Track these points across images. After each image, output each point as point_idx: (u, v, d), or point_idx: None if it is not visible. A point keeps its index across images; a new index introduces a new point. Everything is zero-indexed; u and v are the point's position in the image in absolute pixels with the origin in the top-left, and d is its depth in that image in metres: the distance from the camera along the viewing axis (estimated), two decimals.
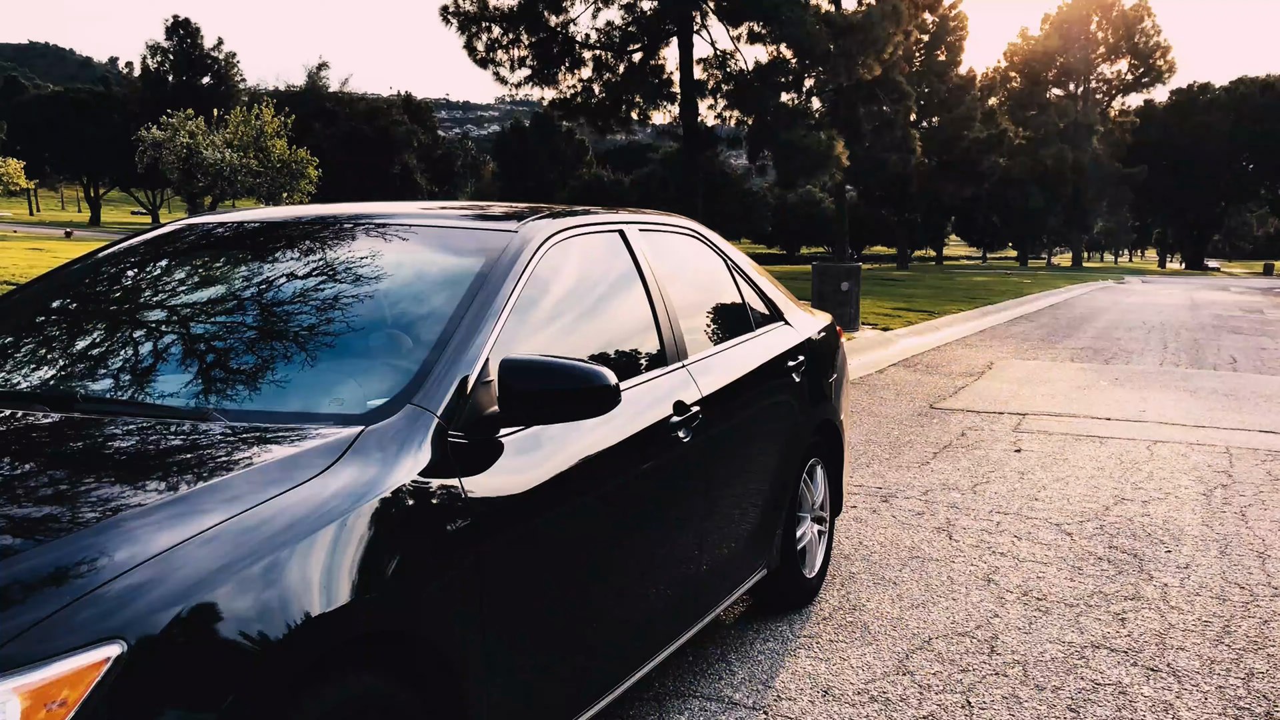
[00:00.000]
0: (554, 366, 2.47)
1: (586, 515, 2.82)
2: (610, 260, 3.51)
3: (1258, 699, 3.79)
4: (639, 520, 3.13)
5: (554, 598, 2.67)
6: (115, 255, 3.44)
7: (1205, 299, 34.26)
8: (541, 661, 2.64)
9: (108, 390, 2.60)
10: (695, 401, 3.43)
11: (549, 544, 2.63)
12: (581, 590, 2.82)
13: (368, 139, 76.60)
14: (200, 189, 34.58)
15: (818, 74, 37.69)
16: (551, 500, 2.62)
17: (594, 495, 2.85)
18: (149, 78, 77.18)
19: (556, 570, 2.67)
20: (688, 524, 3.42)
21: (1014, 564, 5.23)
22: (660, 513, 3.26)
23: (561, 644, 2.73)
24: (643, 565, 3.17)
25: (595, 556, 2.88)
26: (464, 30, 37.19)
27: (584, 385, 2.48)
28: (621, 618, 3.06)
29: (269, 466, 2.05)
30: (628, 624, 3.10)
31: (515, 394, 2.45)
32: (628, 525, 3.07)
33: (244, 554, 1.82)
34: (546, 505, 2.60)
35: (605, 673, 3.00)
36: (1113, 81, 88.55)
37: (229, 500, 1.92)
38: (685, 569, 3.43)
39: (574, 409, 2.51)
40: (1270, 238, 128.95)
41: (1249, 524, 6.05)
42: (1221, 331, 20.14)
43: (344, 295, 2.87)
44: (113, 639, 1.61)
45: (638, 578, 3.14)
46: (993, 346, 16.17)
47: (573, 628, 2.79)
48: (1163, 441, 8.48)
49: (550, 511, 2.62)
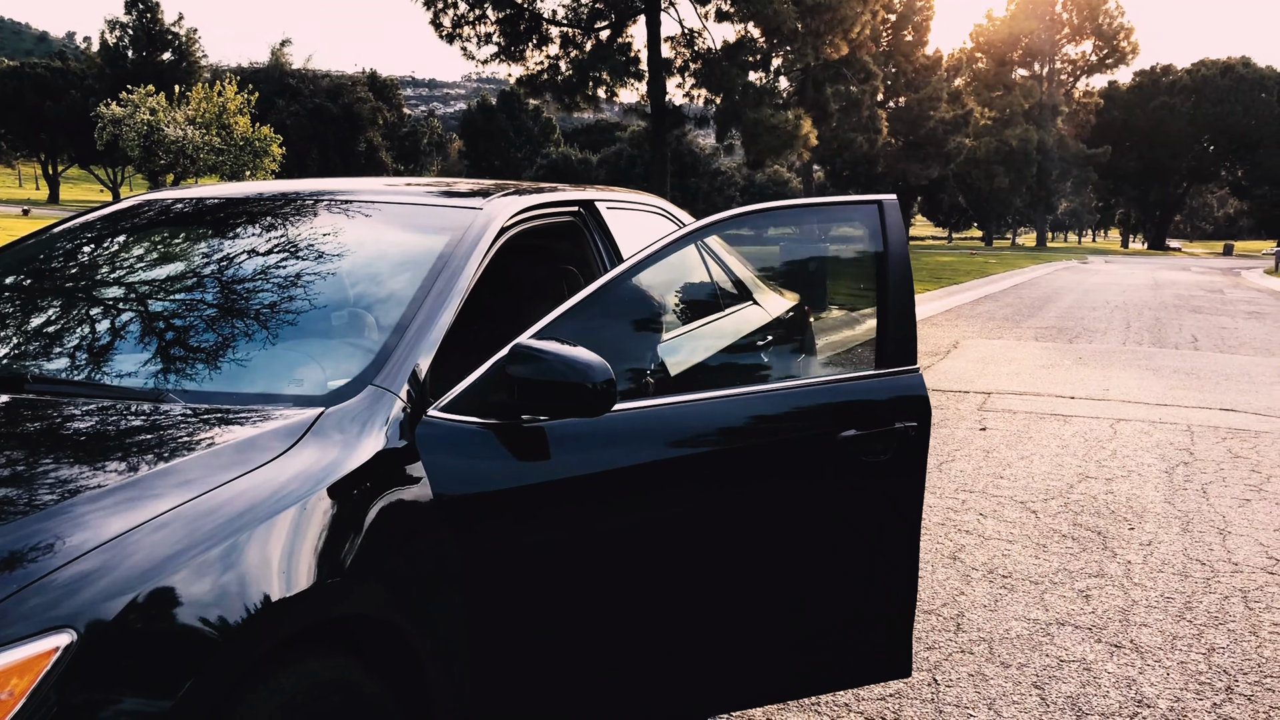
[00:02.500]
0: (553, 355, 2.40)
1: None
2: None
3: (1218, 674, 3.82)
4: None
5: (521, 581, 2.63)
6: (70, 231, 3.36)
7: (1167, 279, 34.62)
8: (510, 649, 2.60)
9: (61, 371, 2.54)
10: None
11: (511, 528, 2.59)
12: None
13: (332, 117, 75.80)
14: (162, 167, 34.15)
15: (785, 53, 37.71)
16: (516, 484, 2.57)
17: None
18: (108, 53, 75.85)
19: (520, 559, 2.63)
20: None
21: (979, 542, 5.26)
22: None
23: (530, 629, 2.70)
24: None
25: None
26: (430, 5, 36.87)
27: (584, 380, 2.39)
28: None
29: (226, 449, 2.00)
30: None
31: (509, 381, 2.39)
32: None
33: (199, 539, 1.78)
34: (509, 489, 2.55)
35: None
36: (1077, 63, 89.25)
37: (185, 484, 1.87)
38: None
39: (563, 405, 2.45)
40: (1230, 218, 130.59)
41: (1210, 501, 6.11)
42: (1183, 311, 20.36)
43: (305, 273, 2.81)
44: (62, 628, 1.56)
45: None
46: (958, 326, 16.25)
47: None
48: (1126, 420, 8.56)
49: (513, 496, 2.57)
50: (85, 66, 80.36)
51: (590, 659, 2.63)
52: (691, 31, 38.49)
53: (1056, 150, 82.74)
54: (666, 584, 2.68)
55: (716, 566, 2.73)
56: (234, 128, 34.13)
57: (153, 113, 33.12)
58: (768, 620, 2.84)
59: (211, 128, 33.85)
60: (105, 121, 33.42)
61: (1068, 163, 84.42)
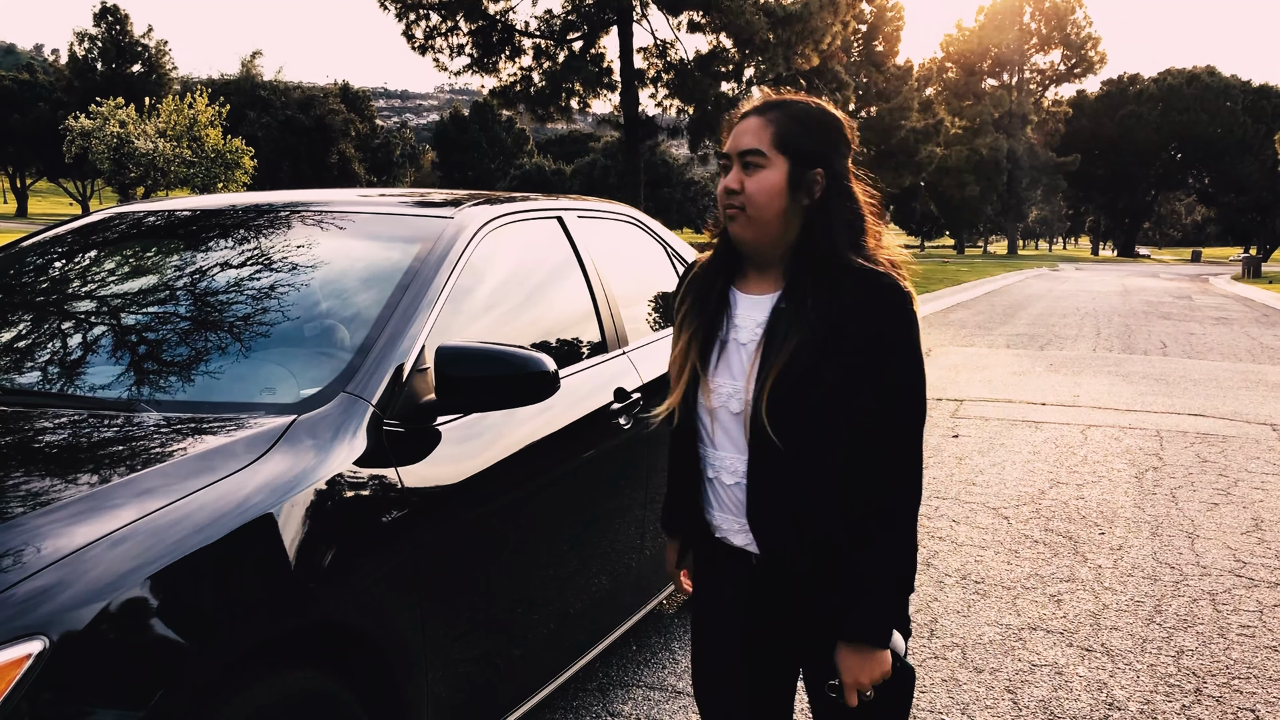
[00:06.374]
0: (490, 353, 2.43)
1: (526, 504, 2.79)
2: (549, 247, 3.48)
3: (1188, 676, 3.87)
4: (580, 509, 3.11)
5: (494, 588, 2.64)
6: (41, 244, 3.35)
7: (1136, 285, 34.95)
8: (482, 652, 2.61)
9: (33, 383, 2.53)
10: (636, 388, 3.42)
11: (488, 534, 2.60)
12: (522, 580, 2.80)
13: (304, 128, 75.48)
14: (132, 179, 33.91)
15: (758, 63, 37.84)
16: (490, 489, 2.59)
17: (534, 484, 2.83)
18: (77, 65, 75.32)
19: (496, 560, 2.65)
20: (629, 512, 3.40)
21: (952, 548, 5.30)
22: (601, 501, 3.24)
23: (502, 634, 2.71)
24: (584, 554, 3.15)
25: (536, 546, 2.86)
26: (402, 17, 36.83)
27: (521, 371, 2.43)
28: (563, 608, 3.03)
29: (197, 458, 2.00)
30: (569, 614, 3.08)
31: (451, 381, 2.40)
32: (568, 514, 3.04)
33: (169, 547, 1.77)
34: (485, 494, 2.57)
35: (547, 663, 2.98)
36: (1045, 72, 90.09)
37: (154, 493, 1.87)
38: (627, 558, 3.41)
39: (512, 396, 2.47)
40: (1198, 225, 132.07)
41: (1179, 505, 6.18)
42: (1152, 317, 20.56)
43: (278, 283, 2.81)
44: (34, 635, 1.56)
45: (579, 567, 3.12)
46: (930, 334, 16.35)
47: (513, 618, 2.76)
48: (1096, 426, 8.64)
49: (489, 501, 2.59)
50: (53, 79, 79.74)
51: (517, 625, 2.79)
52: (664, 42, 38.62)
53: (1026, 159, 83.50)
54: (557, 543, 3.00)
55: (573, 525, 3.07)
56: (205, 140, 33.95)
57: (122, 125, 32.91)
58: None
59: (182, 140, 33.66)
60: (74, 134, 33.18)
61: (1038, 171, 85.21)
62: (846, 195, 1.93)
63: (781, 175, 1.89)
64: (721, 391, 1.94)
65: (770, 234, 1.92)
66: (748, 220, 1.91)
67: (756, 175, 1.89)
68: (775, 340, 1.87)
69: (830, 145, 1.94)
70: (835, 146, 1.95)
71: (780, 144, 1.90)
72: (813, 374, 1.83)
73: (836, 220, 1.90)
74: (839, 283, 1.87)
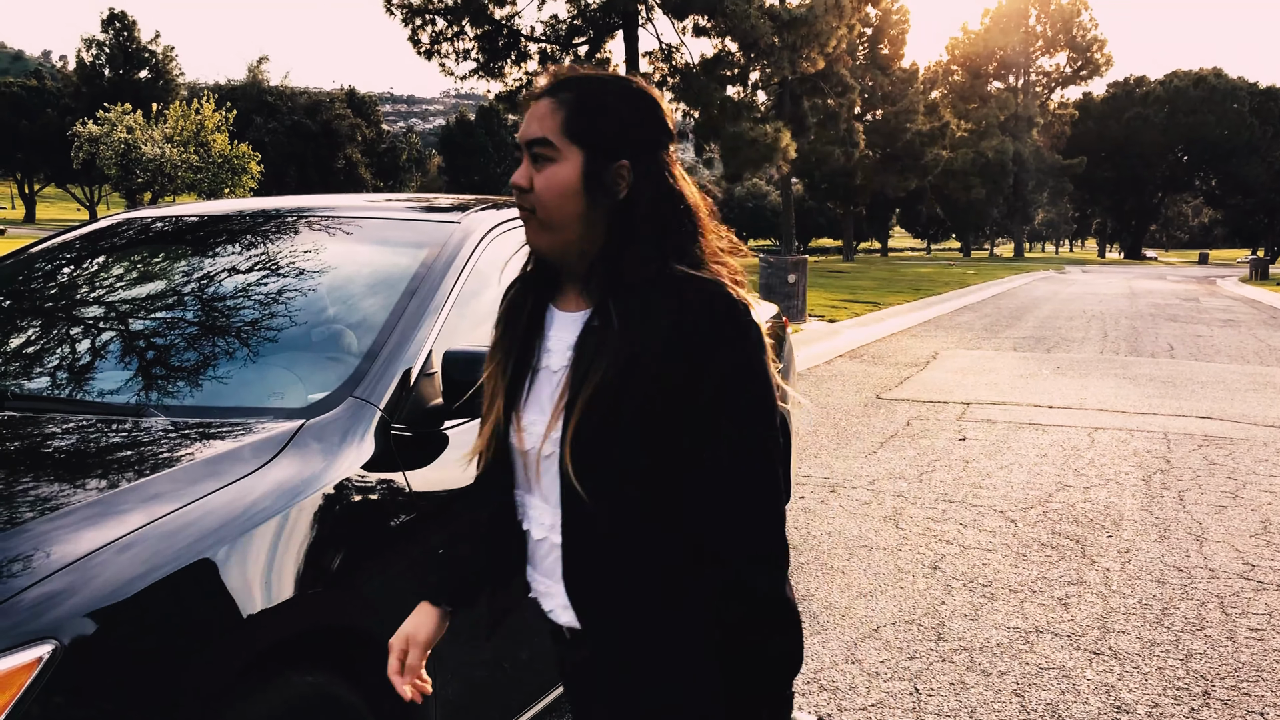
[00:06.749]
0: None
1: None
2: None
3: (1196, 679, 3.86)
4: None
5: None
6: (50, 250, 3.36)
7: (1143, 288, 34.89)
8: (490, 656, 2.62)
9: (43, 389, 2.54)
10: None
11: None
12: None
13: (311, 133, 75.66)
14: (139, 185, 33.98)
15: (763, 67, 37.85)
16: None
17: None
18: (84, 71, 75.57)
19: None
20: None
21: (960, 551, 5.29)
22: None
23: (510, 638, 2.71)
24: None
25: None
26: (408, 23, 36.87)
27: None
28: None
29: (205, 463, 2.01)
30: None
31: (459, 386, 2.41)
32: None
33: (178, 552, 1.78)
34: None
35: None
36: (1051, 74, 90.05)
37: (162, 498, 1.88)
38: None
39: None
40: (1205, 227, 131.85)
41: (1186, 508, 6.17)
42: (1159, 320, 20.53)
43: (285, 288, 2.82)
44: (45, 639, 1.57)
45: None
46: (937, 337, 16.34)
47: (522, 621, 2.76)
48: (1103, 428, 8.62)
49: None
50: (61, 85, 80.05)
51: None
52: (669, 46, 38.64)
53: (1032, 161, 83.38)
54: None
55: None
56: (212, 145, 34.00)
57: (130, 131, 32.99)
58: None
59: (189, 145, 33.71)
60: (82, 140, 33.25)
61: (1044, 174, 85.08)
62: (664, 193, 1.54)
63: (574, 170, 1.51)
64: (533, 431, 1.58)
65: (568, 240, 1.53)
66: (539, 225, 1.54)
67: (545, 170, 1.52)
68: (581, 367, 1.50)
69: (638, 131, 1.54)
70: (645, 132, 1.55)
71: (571, 131, 1.51)
72: (622, 407, 1.46)
73: (647, 223, 1.52)
74: (651, 296, 1.49)
